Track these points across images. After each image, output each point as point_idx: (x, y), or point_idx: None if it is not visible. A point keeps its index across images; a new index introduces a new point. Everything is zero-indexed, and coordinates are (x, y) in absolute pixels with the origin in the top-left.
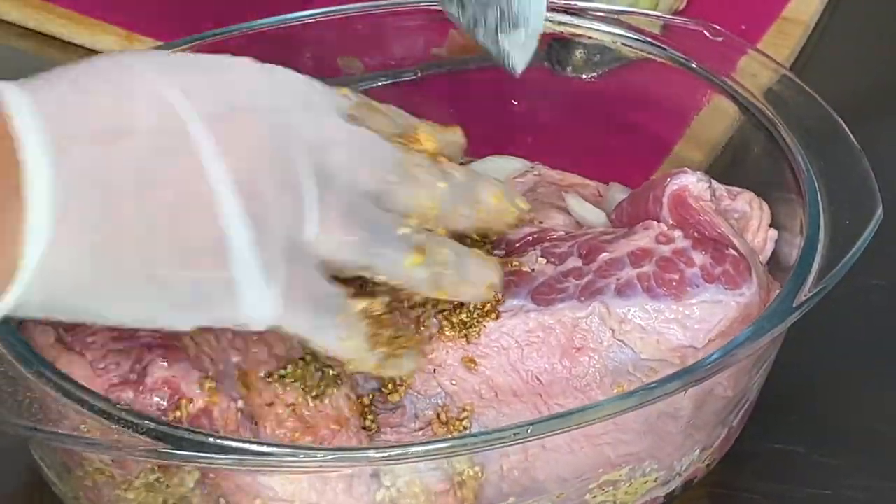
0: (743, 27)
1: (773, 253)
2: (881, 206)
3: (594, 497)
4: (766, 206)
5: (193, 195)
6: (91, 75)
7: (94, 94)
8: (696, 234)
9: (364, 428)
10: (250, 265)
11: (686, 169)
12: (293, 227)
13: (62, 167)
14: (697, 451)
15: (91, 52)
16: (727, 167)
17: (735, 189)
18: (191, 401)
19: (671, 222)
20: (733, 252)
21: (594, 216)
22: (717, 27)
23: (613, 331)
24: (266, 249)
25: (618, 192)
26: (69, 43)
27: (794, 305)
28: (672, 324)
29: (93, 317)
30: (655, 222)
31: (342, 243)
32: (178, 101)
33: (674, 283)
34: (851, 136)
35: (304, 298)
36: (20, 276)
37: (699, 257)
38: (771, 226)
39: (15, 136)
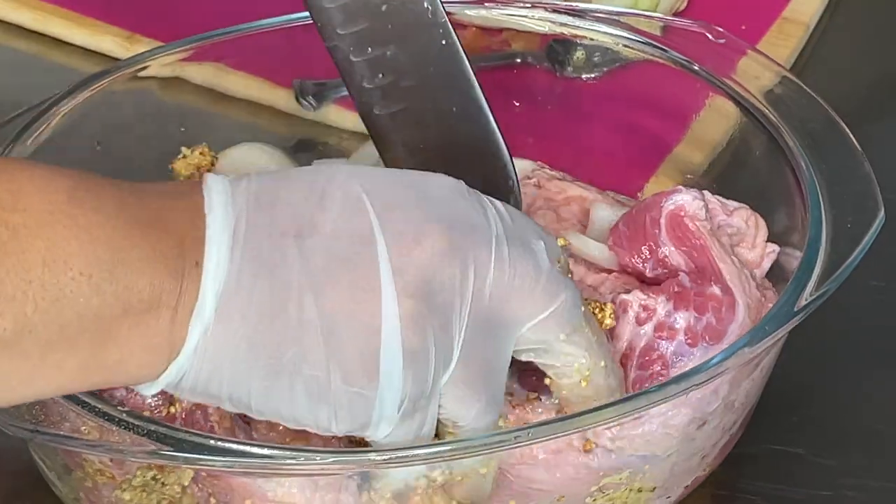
0: (743, 27)
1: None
2: (883, 210)
3: (594, 500)
4: (762, 223)
5: (360, 309)
6: (291, 173)
7: (288, 188)
8: (676, 290)
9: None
10: (393, 395)
11: (680, 187)
12: (437, 371)
13: (236, 252)
14: (698, 456)
15: (91, 52)
16: (727, 169)
17: (732, 204)
18: None
19: (670, 244)
20: (716, 290)
21: (598, 251)
22: (720, 29)
23: (595, 444)
24: (409, 384)
25: (602, 210)
26: (69, 43)
27: (796, 310)
28: (658, 416)
29: (237, 406)
30: (631, 294)
31: (463, 401)
32: (369, 211)
33: (659, 380)
34: (853, 139)
35: (411, 432)
36: (183, 352)
37: (682, 319)
38: (771, 240)
39: (205, 217)
